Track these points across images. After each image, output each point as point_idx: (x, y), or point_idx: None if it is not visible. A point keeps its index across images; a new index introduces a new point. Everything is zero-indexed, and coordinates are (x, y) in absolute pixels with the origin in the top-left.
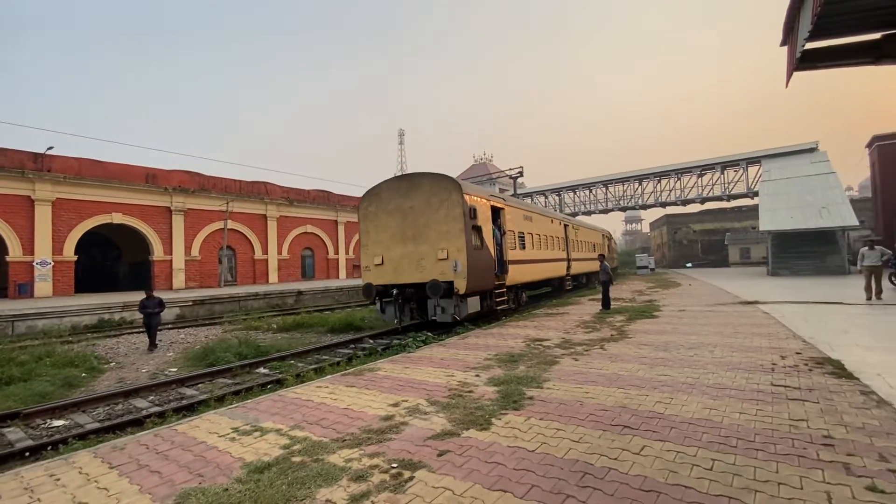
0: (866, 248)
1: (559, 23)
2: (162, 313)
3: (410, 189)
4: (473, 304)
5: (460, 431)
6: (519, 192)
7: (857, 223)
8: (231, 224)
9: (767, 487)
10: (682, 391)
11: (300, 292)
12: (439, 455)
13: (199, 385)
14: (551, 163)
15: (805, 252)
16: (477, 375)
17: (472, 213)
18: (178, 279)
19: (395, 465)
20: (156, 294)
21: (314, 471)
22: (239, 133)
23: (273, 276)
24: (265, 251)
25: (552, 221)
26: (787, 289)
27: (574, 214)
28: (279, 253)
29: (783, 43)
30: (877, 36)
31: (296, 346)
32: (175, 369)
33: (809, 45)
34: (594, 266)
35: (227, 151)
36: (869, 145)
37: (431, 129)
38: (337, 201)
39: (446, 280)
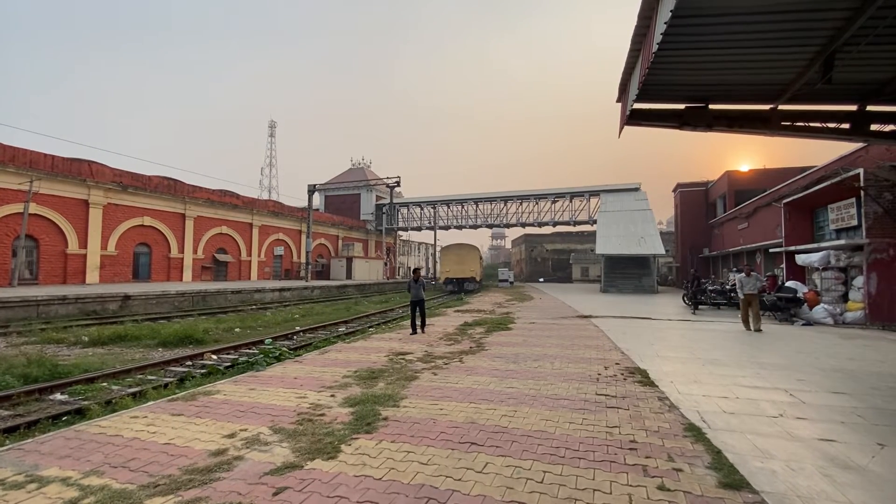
0: (742, 274)
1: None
2: None
3: (461, 247)
4: (478, 284)
5: (304, 463)
6: (396, 201)
7: (664, 252)
8: (36, 209)
9: (585, 495)
10: (526, 403)
11: (127, 296)
12: (275, 494)
13: None
14: (428, 171)
15: (628, 273)
16: (332, 396)
17: (480, 257)
18: None
19: None
20: None
21: None
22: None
23: (92, 276)
24: (83, 244)
25: (480, 255)
26: (614, 304)
27: (447, 228)
28: (103, 248)
29: (618, 100)
30: (681, 107)
31: (112, 365)
32: None
33: (637, 106)
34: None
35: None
36: (674, 190)
37: (307, 126)
38: (186, 192)
39: (473, 276)
